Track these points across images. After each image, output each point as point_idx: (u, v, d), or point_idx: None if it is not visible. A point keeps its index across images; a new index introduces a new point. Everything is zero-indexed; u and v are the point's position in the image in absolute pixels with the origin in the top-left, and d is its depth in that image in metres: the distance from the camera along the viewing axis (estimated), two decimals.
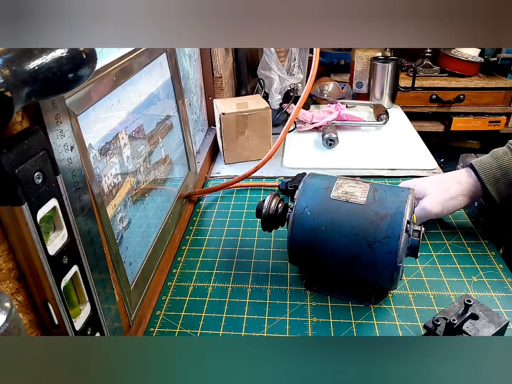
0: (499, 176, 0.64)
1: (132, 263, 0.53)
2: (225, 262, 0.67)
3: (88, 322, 0.36)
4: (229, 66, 1.17)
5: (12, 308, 0.24)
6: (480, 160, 0.67)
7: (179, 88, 0.74)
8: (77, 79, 0.27)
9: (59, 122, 0.33)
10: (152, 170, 0.62)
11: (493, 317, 0.48)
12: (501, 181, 0.64)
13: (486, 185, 0.64)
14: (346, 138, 1.09)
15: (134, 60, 0.54)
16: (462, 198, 0.66)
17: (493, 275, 0.61)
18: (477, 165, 0.66)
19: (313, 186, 0.57)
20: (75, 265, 0.34)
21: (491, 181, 0.64)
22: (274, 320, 0.56)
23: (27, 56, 0.24)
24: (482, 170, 0.65)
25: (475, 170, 0.66)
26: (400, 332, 0.53)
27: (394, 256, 0.51)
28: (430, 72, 1.79)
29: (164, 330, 0.56)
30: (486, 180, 0.64)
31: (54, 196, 0.31)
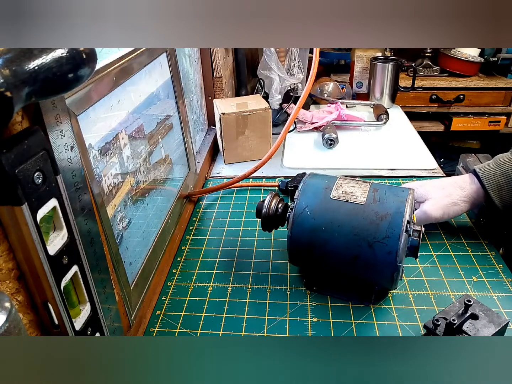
0: (502, 183, 0.63)
1: (132, 263, 0.53)
2: (225, 262, 0.67)
3: (88, 322, 0.36)
4: (229, 66, 1.17)
5: (12, 308, 0.24)
6: (483, 167, 0.66)
7: (179, 88, 0.74)
8: (77, 79, 0.27)
9: (59, 122, 0.33)
10: (152, 170, 0.62)
11: (493, 317, 0.48)
12: (504, 188, 0.63)
13: (489, 193, 0.63)
14: (346, 138, 1.09)
15: (134, 60, 0.54)
16: (464, 204, 0.65)
17: (493, 275, 0.61)
18: (480, 172, 0.65)
19: (313, 186, 0.57)
20: (75, 265, 0.34)
21: (494, 188, 0.63)
22: (274, 320, 0.56)
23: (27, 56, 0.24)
24: (485, 177, 0.64)
25: (479, 177, 0.65)
26: (400, 332, 0.53)
27: (394, 256, 0.51)
28: (430, 72, 1.79)
29: (164, 330, 0.56)
30: (489, 188, 0.63)
31: (54, 196, 0.31)
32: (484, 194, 0.64)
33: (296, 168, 0.96)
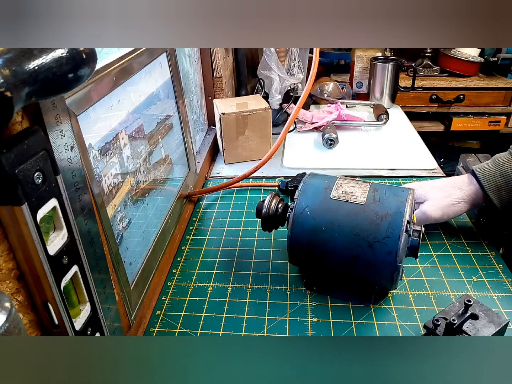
0: (501, 184, 0.63)
1: (132, 263, 0.53)
2: (225, 262, 0.67)
3: (88, 322, 0.36)
4: (229, 66, 1.17)
5: (12, 308, 0.24)
6: (482, 167, 0.65)
7: (179, 88, 0.74)
8: (77, 79, 0.27)
9: (59, 122, 0.33)
10: (152, 170, 0.62)
11: (493, 317, 0.48)
12: (503, 188, 0.63)
13: (488, 193, 0.63)
14: (346, 138, 1.09)
15: (134, 60, 0.54)
16: (463, 205, 0.65)
17: (493, 275, 0.61)
18: (479, 172, 0.65)
19: (313, 186, 0.57)
20: (75, 265, 0.34)
21: (493, 188, 0.63)
22: (274, 320, 0.56)
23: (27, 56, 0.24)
24: (484, 177, 0.64)
25: (477, 177, 0.65)
26: (400, 332, 0.53)
27: (394, 256, 0.51)
28: (430, 72, 1.79)
29: (164, 330, 0.56)
30: (488, 188, 0.63)
31: (54, 196, 0.31)
32: (483, 195, 0.64)
33: (296, 168, 0.96)
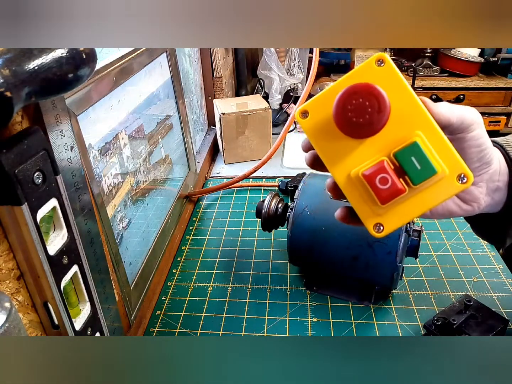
0: None
1: (132, 263, 0.53)
2: (225, 262, 0.67)
3: (88, 322, 0.36)
4: (229, 66, 1.17)
5: (12, 308, 0.24)
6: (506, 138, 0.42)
7: (179, 88, 0.74)
8: (77, 79, 0.27)
9: (59, 122, 0.33)
10: (152, 170, 0.62)
11: (493, 317, 0.48)
12: None
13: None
14: None
15: (134, 60, 0.54)
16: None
17: (493, 275, 0.61)
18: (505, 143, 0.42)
19: (313, 186, 0.57)
20: (75, 265, 0.34)
21: None
22: (274, 320, 0.56)
23: (27, 56, 0.24)
24: None
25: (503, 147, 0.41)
26: (400, 332, 0.53)
27: (394, 256, 0.51)
28: (430, 72, 1.79)
29: (164, 330, 0.55)
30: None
31: (54, 196, 0.31)
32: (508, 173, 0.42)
33: (296, 168, 0.96)
